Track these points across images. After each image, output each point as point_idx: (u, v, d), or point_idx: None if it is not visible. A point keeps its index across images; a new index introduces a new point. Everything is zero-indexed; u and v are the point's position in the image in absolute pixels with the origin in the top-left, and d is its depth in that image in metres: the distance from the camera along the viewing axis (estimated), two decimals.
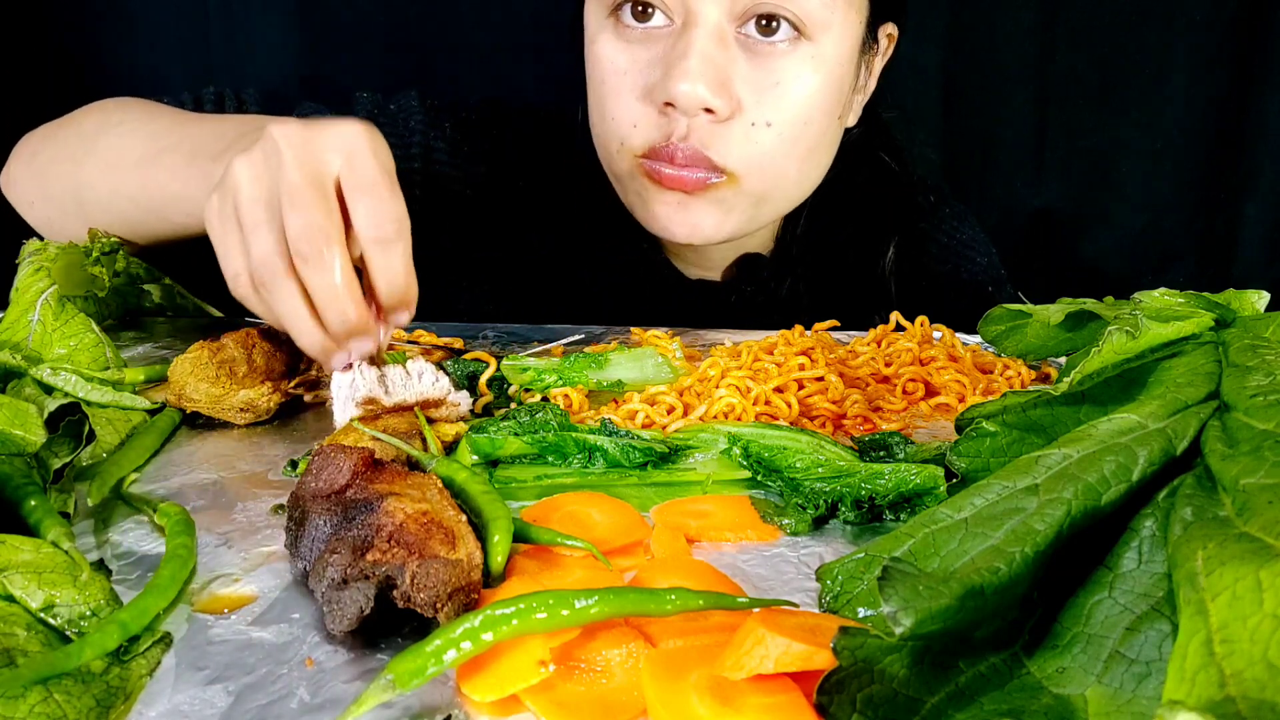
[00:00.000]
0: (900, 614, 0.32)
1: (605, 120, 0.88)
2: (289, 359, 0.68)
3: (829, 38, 0.83)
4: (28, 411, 0.53)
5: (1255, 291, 0.53)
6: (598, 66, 0.87)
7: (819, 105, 0.85)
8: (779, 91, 0.83)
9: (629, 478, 0.55)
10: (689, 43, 0.80)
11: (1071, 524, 0.36)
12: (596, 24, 0.87)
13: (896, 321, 0.77)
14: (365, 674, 0.38)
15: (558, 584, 0.43)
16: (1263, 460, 0.35)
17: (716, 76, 0.80)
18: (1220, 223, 1.38)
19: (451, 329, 0.85)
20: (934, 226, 1.06)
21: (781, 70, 0.83)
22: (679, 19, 0.82)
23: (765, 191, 0.88)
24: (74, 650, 0.36)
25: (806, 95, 0.84)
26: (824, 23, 0.82)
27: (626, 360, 0.69)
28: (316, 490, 0.45)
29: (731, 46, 0.82)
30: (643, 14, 0.83)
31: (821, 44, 0.83)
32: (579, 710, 0.35)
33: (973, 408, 0.53)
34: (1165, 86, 1.32)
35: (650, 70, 0.83)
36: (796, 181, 0.90)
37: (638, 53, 0.84)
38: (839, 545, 0.48)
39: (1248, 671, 0.27)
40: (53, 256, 0.74)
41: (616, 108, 0.86)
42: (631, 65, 0.84)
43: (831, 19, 0.82)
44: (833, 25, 0.83)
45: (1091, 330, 0.58)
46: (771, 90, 0.83)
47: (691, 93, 0.79)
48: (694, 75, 0.79)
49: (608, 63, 0.86)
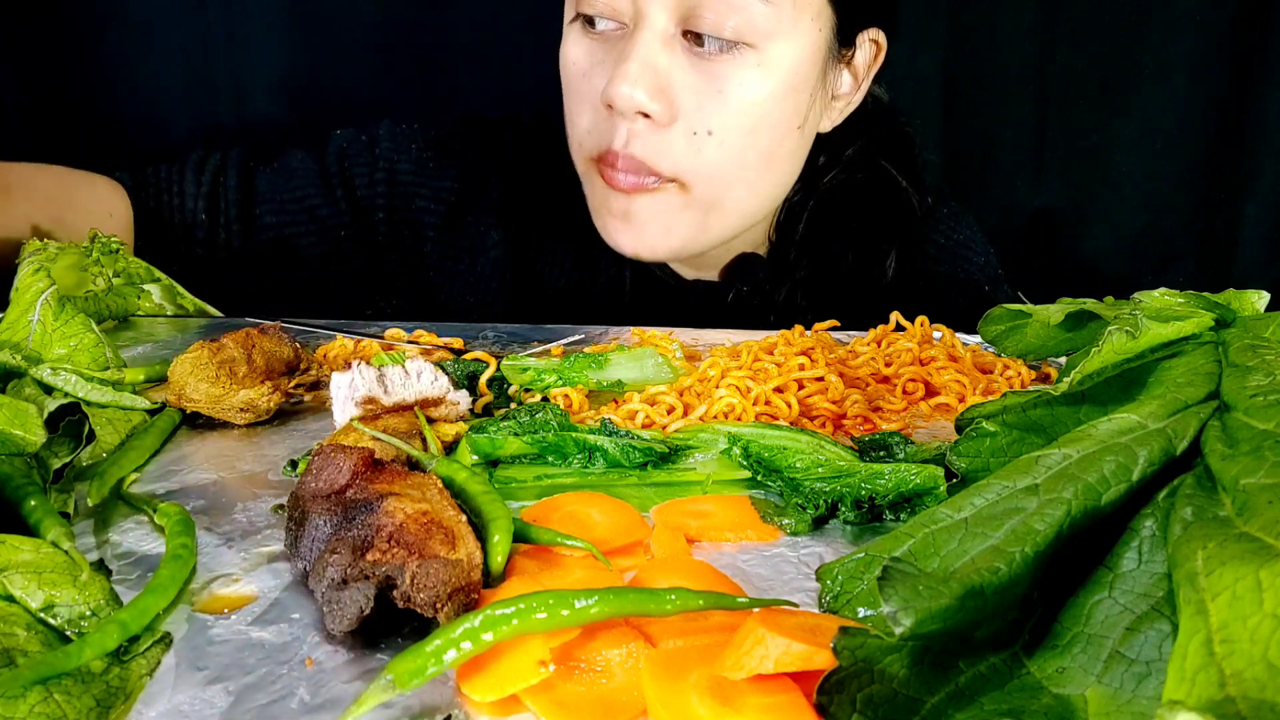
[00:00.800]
0: (900, 614, 0.32)
1: (569, 123, 0.90)
2: (289, 359, 0.68)
3: (776, 45, 0.82)
4: (28, 411, 0.53)
5: (1255, 291, 0.53)
6: (563, 69, 0.89)
7: (767, 114, 0.84)
8: (721, 99, 0.82)
9: (629, 478, 0.55)
10: (631, 46, 0.81)
11: (1071, 524, 0.36)
12: (567, 25, 0.89)
13: (897, 321, 0.77)
14: (365, 674, 0.38)
15: (558, 584, 0.43)
16: (1263, 460, 0.35)
17: (655, 81, 0.81)
18: (1220, 223, 1.38)
19: (451, 329, 0.85)
20: (931, 227, 1.05)
21: (724, 78, 0.82)
22: (630, 21, 0.83)
23: (714, 200, 0.88)
24: (74, 650, 0.36)
25: (751, 103, 0.83)
26: (768, 30, 0.81)
27: (626, 360, 0.69)
28: (316, 490, 0.45)
29: (677, 51, 0.82)
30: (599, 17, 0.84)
31: (769, 52, 0.82)
32: (579, 710, 0.35)
33: (973, 408, 0.53)
34: (1165, 86, 1.32)
35: (599, 74, 0.85)
36: (751, 192, 0.90)
37: (597, 55, 0.85)
38: (839, 545, 0.48)
39: (1248, 671, 0.27)
40: (52, 256, 0.74)
41: (575, 110, 0.88)
42: (591, 68, 0.86)
43: (778, 26, 0.81)
44: (779, 32, 0.81)
45: (1091, 330, 0.58)
46: (714, 98, 0.82)
47: (628, 96, 0.80)
48: (631, 79, 0.80)
49: (571, 64, 0.88)
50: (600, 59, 0.85)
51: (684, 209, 0.87)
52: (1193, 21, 1.29)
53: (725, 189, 0.87)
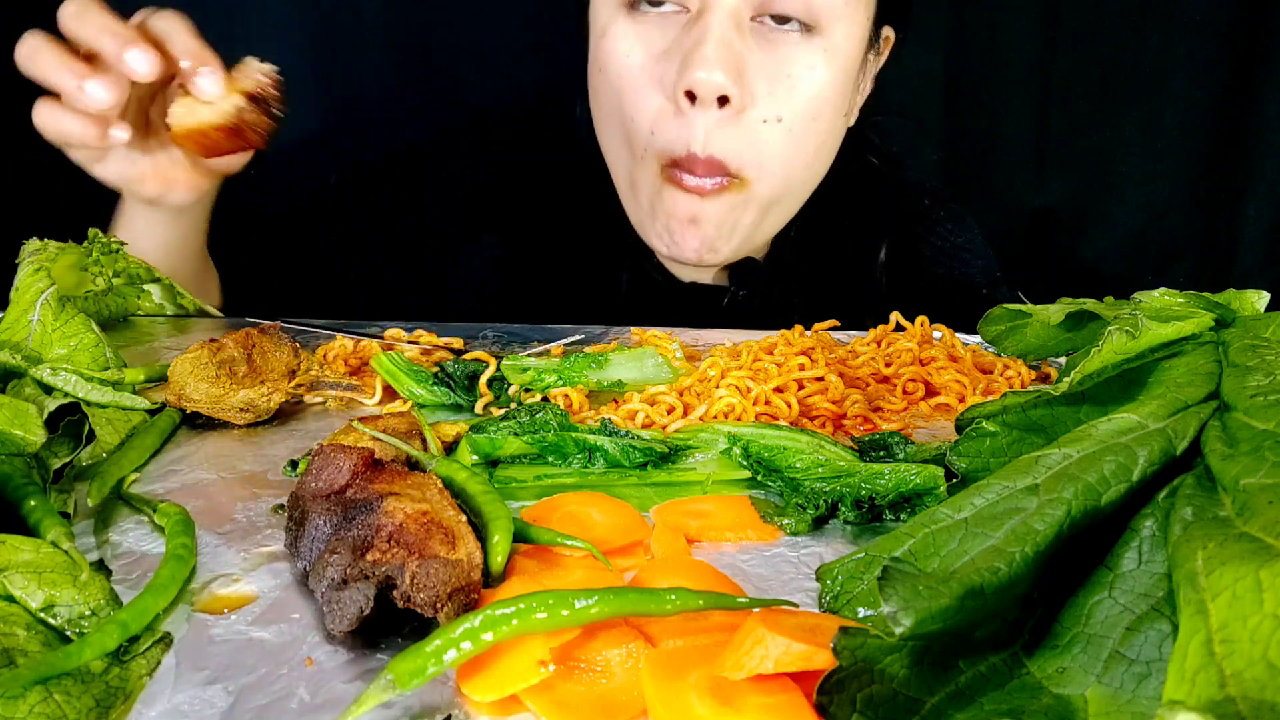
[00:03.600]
0: (900, 614, 0.32)
1: (624, 121, 0.85)
2: (289, 359, 0.68)
3: (840, 30, 0.82)
4: (28, 411, 0.53)
5: (1255, 291, 0.53)
6: (611, 61, 0.84)
7: (828, 99, 0.84)
8: (790, 83, 0.82)
9: (629, 478, 0.54)
10: (706, 27, 0.78)
11: (1071, 524, 0.36)
12: (608, 16, 0.84)
13: (897, 321, 0.77)
14: (365, 674, 0.38)
15: (558, 584, 0.43)
16: (1263, 460, 0.35)
17: (734, 63, 0.78)
18: (1220, 223, 1.37)
19: (451, 329, 0.85)
20: (928, 229, 1.06)
21: (794, 61, 0.81)
22: (694, 5, 0.80)
23: (774, 195, 0.87)
24: (74, 650, 0.36)
25: (818, 88, 0.83)
26: (837, 15, 0.81)
27: (626, 360, 0.69)
28: (316, 490, 0.45)
29: (746, 34, 0.80)
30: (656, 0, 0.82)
31: (832, 36, 0.82)
32: (579, 710, 0.35)
33: (973, 408, 0.53)
34: (1165, 86, 1.32)
35: (665, 63, 0.81)
36: (804, 180, 0.89)
37: (653, 43, 0.82)
38: (839, 545, 0.48)
39: (1248, 671, 0.27)
40: (52, 256, 0.74)
41: (634, 105, 0.84)
42: (646, 58, 0.82)
43: (844, 12, 0.81)
44: (843, 19, 0.82)
45: (1091, 330, 0.58)
46: (783, 82, 0.81)
47: (709, 80, 0.77)
48: (711, 62, 0.77)
49: (621, 57, 0.83)
50: (660, 48, 0.81)
51: (745, 206, 0.86)
52: (1193, 21, 1.29)
53: (785, 182, 0.86)
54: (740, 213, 0.87)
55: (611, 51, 0.84)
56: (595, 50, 0.87)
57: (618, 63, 0.84)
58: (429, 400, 0.67)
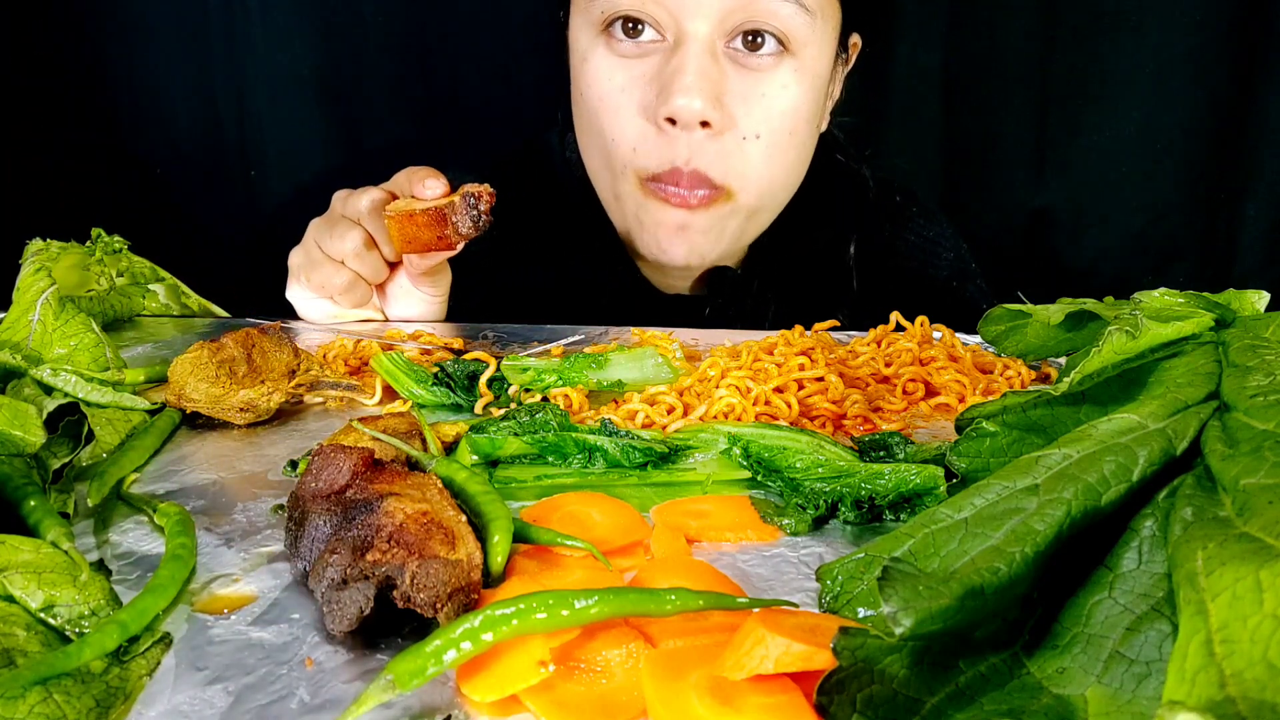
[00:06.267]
0: (900, 614, 0.32)
1: (605, 142, 0.89)
2: (289, 359, 0.68)
3: (809, 51, 0.86)
4: (27, 412, 0.53)
5: (1255, 291, 0.53)
6: (594, 85, 0.88)
7: (802, 115, 0.88)
8: (766, 103, 0.86)
9: (629, 478, 0.54)
10: (684, 58, 0.82)
11: (1071, 524, 0.36)
12: (587, 43, 0.88)
13: (897, 322, 0.77)
14: (365, 674, 0.38)
15: (558, 584, 0.43)
16: (1263, 460, 0.35)
17: (712, 90, 0.83)
18: (1220, 223, 1.37)
19: (451, 329, 0.85)
20: (901, 225, 1.09)
21: (767, 83, 0.85)
22: (670, 35, 0.84)
23: (757, 204, 0.91)
24: (74, 650, 0.36)
25: (791, 107, 0.87)
26: (805, 38, 0.85)
27: (626, 360, 0.69)
28: (316, 490, 0.45)
29: (721, 61, 0.84)
30: (633, 30, 0.85)
31: (803, 57, 0.86)
32: (579, 710, 0.35)
33: (973, 408, 0.53)
34: (1165, 86, 1.32)
35: (646, 87, 0.85)
36: (785, 188, 0.93)
37: (633, 69, 0.86)
38: (839, 545, 0.48)
39: (1248, 672, 0.27)
40: (54, 256, 0.74)
41: (616, 128, 0.87)
42: (628, 82, 0.86)
43: (812, 34, 0.85)
44: (812, 40, 0.85)
45: (1091, 330, 0.58)
46: (759, 102, 0.85)
47: (689, 106, 0.81)
48: (692, 90, 0.81)
49: (604, 81, 0.87)
50: (638, 73, 0.85)
51: (730, 216, 0.90)
52: (1193, 21, 1.29)
53: (767, 190, 0.90)
54: (727, 220, 0.91)
55: (594, 76, 0.88)
56: (576, 75, 0.91)
57: (599, 88, 0.88)
58: (429, 400, 0.67)
